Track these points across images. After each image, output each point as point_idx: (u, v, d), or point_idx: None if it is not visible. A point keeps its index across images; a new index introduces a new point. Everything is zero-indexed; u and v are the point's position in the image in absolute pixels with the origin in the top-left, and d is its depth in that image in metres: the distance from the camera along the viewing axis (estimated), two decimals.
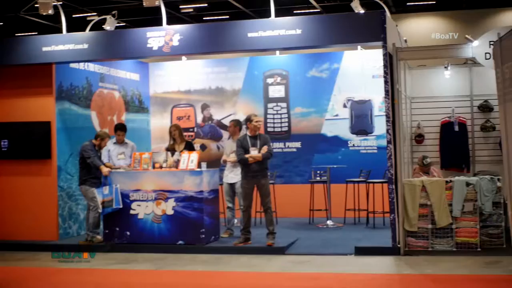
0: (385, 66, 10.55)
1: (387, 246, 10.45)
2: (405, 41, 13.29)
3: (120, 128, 12.40)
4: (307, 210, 13.74)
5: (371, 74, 14.43)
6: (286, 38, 11.20)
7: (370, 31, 10.78)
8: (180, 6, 23.82)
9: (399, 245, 10.30)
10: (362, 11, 11.86)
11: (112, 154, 12.24)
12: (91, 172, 11.84)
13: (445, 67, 11.93)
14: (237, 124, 12.36)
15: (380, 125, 13.94)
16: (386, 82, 10.52)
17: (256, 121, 11.23)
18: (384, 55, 10.57)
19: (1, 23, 27.98)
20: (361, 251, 10.51)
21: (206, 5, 24.18)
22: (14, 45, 12.72)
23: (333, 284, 8.87)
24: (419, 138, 12.17)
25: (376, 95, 14.20)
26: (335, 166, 13.67)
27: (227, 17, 24.82)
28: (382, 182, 12.75)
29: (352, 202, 13.55)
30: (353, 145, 14.58)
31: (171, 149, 12.18)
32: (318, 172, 13.90)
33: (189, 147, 12.33)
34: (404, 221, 10.26)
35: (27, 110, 12.58)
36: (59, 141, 12.45)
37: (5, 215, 12.64)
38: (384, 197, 12.53)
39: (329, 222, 13.36)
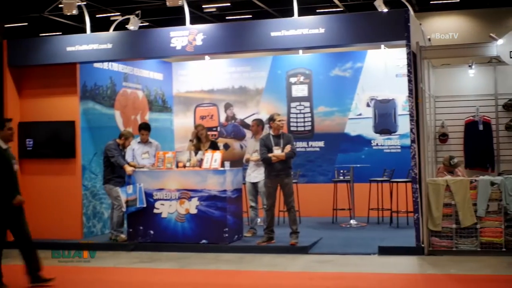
0: (408, 65, 10.50)
1: (410, 246, 10.41)
2: (429, 39, 13.21)
3: (144, 127, 12.43)
4: (330, 209, 13.72)
5: (395, 73, 14.38)
6: (309, 37, 11.18)
7: (393, 30, 10.73)
8: (203, 6, 23.86)
9: (423, 245, 10.25)
10: (385, 10, 11.80)
11: (136, 153, 12.28)
12: (115, 171, 11.90)
13: (469, 66, 11.85)
14: (259, 123, 12.35)
15: (403, 124, 13.87)
16: (409, 81, 10.47)
17: (279, 120, 11.22)
18: (408, 54, 10.51)
19: (26, 23, 28.20)
20: (384, 250, 10.47)
21: (228, 4, 24.20)
22: (39, 45, 12.81)
23: (356, 283, 8.85)
24: (443, 138, 12.09)
25: (399, 94, 14.13)
26: (358, 165, 13.64)
27: (250, 16, 24.82)
28: (405, 182, 12.70)
29: (375, 202, 13.52)
30: (377, 144, 14.53)
31: (196, 149, 12.21)
32: (342, 171, 13.87)
33: (214, 146, 12.34)
34: (428, 221, 10.20)
35: (52, 110, 12.66)
36: (83, 140, 12.52)
37: (30, 214, 12.63)
38: (407, 197, 12.49)
39: (352, 222, 13.33)
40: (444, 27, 22.14)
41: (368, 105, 14.62)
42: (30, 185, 12.62)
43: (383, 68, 14.52)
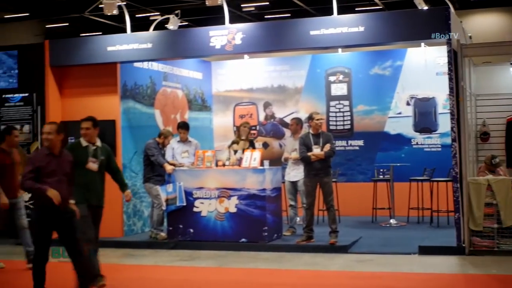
0: (449, 63, 10.40)
1: (451, 245, 10.32)
2: (470, 37, 13.09)
3: (182, 126, 12.45)
4: (370, 208, 13.66)
5: (435, 71, 14.27)
6: (348, 36, 11.13)
7: (434, 27, 10.64)
8: (242, 5, 23.92)
9: (464, 245, 10.16)
10: (425, 8, 11.72)
11: (176, 152, 12.33)
12: (155, 170, 11.97)
13: (511, 64, 11.72)
14: (298, 122, 12.34)
15: (444, 123, 13.75)
16: (450, 79, 10.38)
17: (318, 119, 11.19)
18: (449, 52, 10.42)
19: (67, 24, 28.51)
20: (425, 250, 10.40)
21: (267, 3, 24.23)
22: (80, 45, 12.94)
23: (396, 283, 8.80)
24: (484, 136, 11.98)
25: (440, 93, 14.01)
26: (398, 164, 13.55)
27: (288, 15, 24.83)
28: (446, 181, 12.60)
29: (415, 201, 13.42)
30: (417, 143, 14.43)
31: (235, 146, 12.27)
32: (381, 170, 13.81)
33: (252, 146, 12.37)
34: (469, 220, 10.11)
35: (93, 109, 12.73)
36: (123, 139, 12.63)
37: None
38: (448, 196, 12.37)
39: (392, 221, 13.26)
40: (485, 25, 21.93)
41: (408, 104, 14.53)
42: None
43: (423, 66, 14.41)
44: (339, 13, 11.73)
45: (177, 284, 9.14)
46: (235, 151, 11.78)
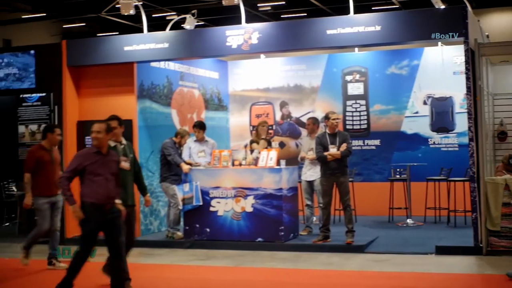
0: (466, 62, 10.36)
1: (468, 245, 10.28)
2: (488, 36, 13.02)
3: (197, 125, 12.45)
4: (386, 208, 13.63)
5: (452, 70, 14.22)
6: (365, 35, 11.11)
7: (451, 26, 10.60)
8: (258, 4, 23.94)
9: (481, 245, 10.11)
10: (442, 6, 11.67)
11: (193, 151, 12.34)
12: (171, 169, 12.00)
13: None
14: (315, 121, 12.34)
15: (461, 122, 13.71)
16: (467, 78, 10.33)
17: (334, 119, 11.17)
18: (466, 51, 10.38)
19: (84, 24, 28.62)
20: (442, 250, 10.36)
21: (283, 2, 24.22)
22: (97, 45, 12.99)
23: (413, 283, 8.77)
24: (501, 136, 11.92)
25: (457, 92, 13.97)
26: (415, 164, 13.50)
27: (305, 14, 24.81)
28: (463, 181, 12.54)
29: (432, 201, 13.37)
30: (434, 142, 14.39)
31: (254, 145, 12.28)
32: (398, 170, 13.77)
33: (269, 145, 12.36)
34: (486, 220, 10.06)
35: (109, 109, 12.74)
36: (140, 138, 12.66)
37: None
38: (465, 196, 12.33)
39: (409, 221, 13.22)
40: (503, 24, 21.82)
41: (425, 103, 14.48)
42: None
43: (440, 66, 14.36)
44: (355, 12, 11.71)
45: (194, 283, 9.16)
46: (252, 151, 11.79)
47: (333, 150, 10.99)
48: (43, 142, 10.06)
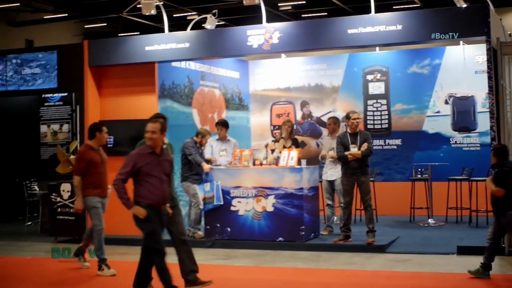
0: (488, 61, 10.31)
1: None
2: (510, 35, 12.93)
3: (220, 123, 12.45)
4: (407, 208, 13.58)
5: (474, 69, 14.16)
6: (386, 34, 11.09)
7: (473, 25, 10.55)
8: (279, 4, 23.93)
9: (503, 245, 10.04)
10: (464, 5, 11.60)
11: (215, 150, 12.36)
12: (192, 169, 12.01)
13: None
14: (336, 121, 12.33)
15: (483, 122, 13.64)
16: (490, 77, 10.28)
17: (354, 118, 11.15)
18: (488, 50, 10.32)
19: (105, 24, 28.75)
20: (463, 250, 10.30)
21: (304, 2, 24.19)
22: (118, 45, 13.05)
23: (434, 283, 8.73)
24: None
25: (479, 91, 13.90)
26: (436, 163, 13.45)
27: (325, 14, 24.77)
28: (485, 180, 12.45)
29: (454, 200, 13.31)
30: (455, 142, 14.32)
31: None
32: (419, 169, 13.71)
33: (296, 144, 12.29)
34: None
35: (131, 108, 12.88)
36: None
37: (110, 211, 12.93)
38: (487, 196, 12.22)
39: (430, 221, 13.16)
40: None
41: (446, 102, 14.42)
42: (110, 182, 12.86)
43: (462, 65, 14.30)
44: (376, 11, 11.68)
45: (215, 282, 9.14)
46: (272, 150, 11.78)
47: (354, 150, 10.97)
48: (91, 142, 9.88)
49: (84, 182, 9.65)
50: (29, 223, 14.94)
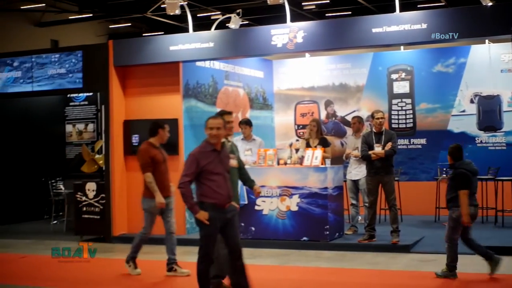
0: None
1: None
2: None
3: (243, 122, 12.42)
4: (432, 207, 13.52)
5: (500, 68, 14.07)
6: (411, 33, 11.03)
7: (498, 24, 10.48)
8: (303, 3, 23.89)
9: None
10: (490, 4, 11.52)
11: (240, 150, 12.34)
12: None
13: None
14: (360, 120, 12.31)
15: (509, 121, 13.57)
16: None
17: (377, 118, 11.13)
18: None
19: (129, 24, 28.87)
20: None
21: (328, 1, 24.14)
22: (143, 45, 13.09)
23: (459, 283, 8.69)
24: None
25: (505, 90, 13.83)
26: None
27: (349, 13, 24.69)
28: (511, 180, 12.37)
29: (480, 200, 13.15)
30: (481, 141, 14.22)
31: (307, 144, 12.22)
32: (444, 169, 13.64)
33: (323, 143, 12.24)
34: None
35: (155, 108, 12.92)
36: (186, 137, 12.72)
37: (134, 210, 13.03)
38: None
39: None
40: None
41: (472, 102, 14.33)
42: (134, 181, 12.93)
43: (487, 64, 14.20)
44: (401, 10, 11.63)
45: None
46: (297, 150, 11.77)
47: (378, 149, 10.94)
48: (152, 139, 9.59)
49: (145, 182, 9.36)
50: (55, 222, 15.05)
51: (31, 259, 11.34)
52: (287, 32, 11.81)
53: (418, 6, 22.22)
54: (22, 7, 25.26)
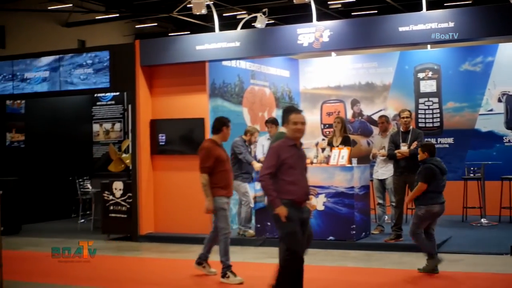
0: None
1: None
2: None
3: (270, 121, 12.42)
4: (460, 207, 13.43)
5: None
6: (438, 32, 10.96)
7: None
8: (328, 2, 23.87)
9: None
10: None
11: (266, 149, 12.37)
12: (242, 168, 12.04)
13: None
14: (388, 119, 12.27)
15: None
16: None
17: (403, 117, 11.11)
18: None
19: (155, 24, 29.00)
20: None
21: (353, 0, 24.11)
22: (169, 44, 13.13)
23: (487, 284, 8.64)
24: None
25: None
26: (489, 162, 13.27)
27: (375, 11, 24.63)
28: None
29: (507, 200, 13.13)
30: (509, 140, 14.11)
31: (329, 142, 12.21)
32: (472, 168, 13.56)
33: (346, 142, 12.20)
34: None
35: (182, 107, 12.96)
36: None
37: (161, 209, 13.11)
38: None
39: (483, 220, 12.99)
40: None
41: (499, 100, 14.22)
42: (161, 180, 13.01)
43: None
44: (427, 9, 11.56)
45: (265, 280, 9.15)
46: (323, 149, 11.75)
47: (403, 148, 10.91)
48: (215, 137, 9.32)
49: (211, 182, 9.03)
50: (82, 220, 15.15)
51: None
52: (313, 31, 11.79)
53: (445, 4, 22.10)
54: (49, 8, 25.49)
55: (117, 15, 26.92)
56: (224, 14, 24.19)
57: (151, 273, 9.79)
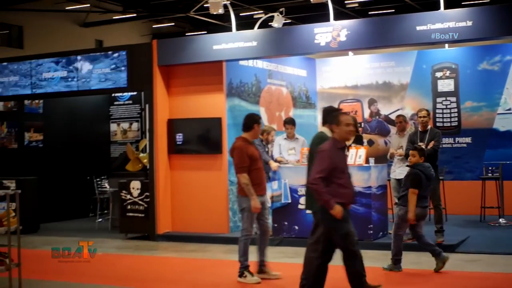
0: None
1: None
2: None
3: (288, 122, 12.46)
4: (478, 207, 13.37)
5: None
6: (456, 30, 10.91)
7: None
8: (345, 1, 23.84)
9: None
10: None
11: (283, 149, 12.37)
12: None
13: None
14: (406, 119, 12.23)
15: None
16: None
17: (420, 116, 11.09)
18: None
19: (172, 24, 29.06)
20: None
21: None
22: (186, 44, 13.16)
23: (505, 284, 8.60)
24: None
25: None
26: (508, 162, 13.21)
27: (392, 11, 24.57)
28: None
29: None
30: None
31: None
32: (490, 168, 13.47)
33: (358, 140, 12.18)
34: None
35: (199, 107, 12.99)
36: (229, 136, 12.73)
37: (178, 208, 13.14)
38: None
39: (501, 220, 12.93)
40: None
41: None
42: (179, 179, 13.04)
43: None
44: (445, 8, 11.52)
45: (283, 280, 9.20)
46: None
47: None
48: (246, 134, 9.12)
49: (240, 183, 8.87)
50: (100, 219, 15.22)
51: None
52: (330, 31, 11.77)
53: (463, 3, 22.02)
54: (67, 8, 25.61)
55: (135, 15, 27.01)
56: (241, 14, 24.21)
57: (169, 272, 9.81)
